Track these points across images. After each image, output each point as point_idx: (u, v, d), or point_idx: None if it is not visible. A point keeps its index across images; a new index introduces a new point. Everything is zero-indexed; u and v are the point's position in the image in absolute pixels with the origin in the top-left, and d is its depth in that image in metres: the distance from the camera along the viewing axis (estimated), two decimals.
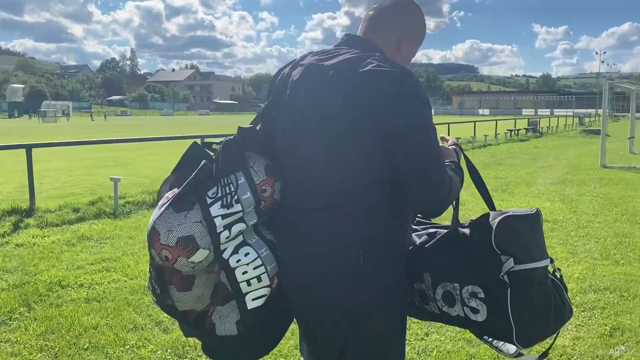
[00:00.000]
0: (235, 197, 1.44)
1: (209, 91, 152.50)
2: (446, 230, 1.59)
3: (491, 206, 1.60)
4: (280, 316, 1.61)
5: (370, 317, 1.46)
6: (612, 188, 9.25)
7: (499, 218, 1.44)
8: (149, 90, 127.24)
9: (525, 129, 28.04)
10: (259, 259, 1.49)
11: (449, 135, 2.40)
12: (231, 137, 1.51)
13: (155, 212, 1.48)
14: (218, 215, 1.42)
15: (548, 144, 21.25)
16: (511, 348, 1.56)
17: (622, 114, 38.31)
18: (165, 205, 1.45)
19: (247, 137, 1.52)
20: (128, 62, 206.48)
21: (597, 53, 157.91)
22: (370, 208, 1.43)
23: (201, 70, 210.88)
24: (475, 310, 1.45)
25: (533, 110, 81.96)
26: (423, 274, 1.56)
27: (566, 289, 1.56)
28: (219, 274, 1.51)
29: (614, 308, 3.79)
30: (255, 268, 1.48)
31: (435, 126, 1.40)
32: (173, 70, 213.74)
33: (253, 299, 1.50)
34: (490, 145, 20.65)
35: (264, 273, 1.49)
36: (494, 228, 1.42)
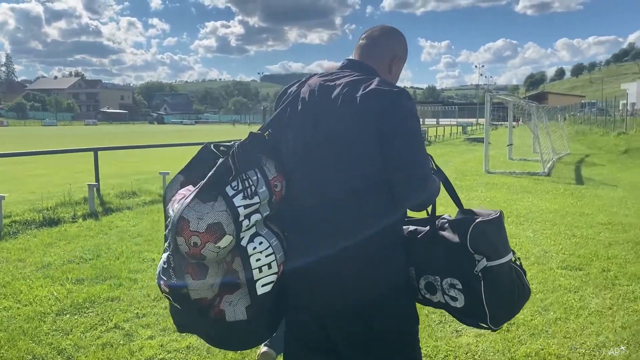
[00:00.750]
0: (254, 189, 1.65)
1: (96, 100, 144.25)
2: (426, 229, 1.81)
3: (459, 204, 1.82)
4: (279, 304, 1.77)
5: (392, 302, 1.71)
6: (496, 192, 10.05)
7: (473, 224, 1.67)
8: (28, 99, 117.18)
9: None
10: (270, 247, 1.68)
11: None
12: (245, 140, 1.72)
13: (179, 205, 1.62)
14: (241, 205, 1.62)
15: (437, 151, 22.52)
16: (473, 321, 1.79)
17: (499, 123, 41.66)
18: (191, 197, 1.60)
19: (258, 141, 1.75)
20: (3, 69, 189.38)
21: (476, 66, 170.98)
22: (373, 205, 1.66)
23: (87, 78, 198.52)
24: (454, 299, 1.71)
25: (421, 119, 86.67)
26: (408, 267, 1.80)
27: (525, 272, 1.82)
28: (232, 263, 1.66)
29: None
30: (267, 256, 1.67)
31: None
32: (55, 77, 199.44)
33: (262, 285, 1.68)
34: None
35: (273, 261, 1.68)
36: (469, 233, 1.65)
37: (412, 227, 1.85)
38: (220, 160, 1.67)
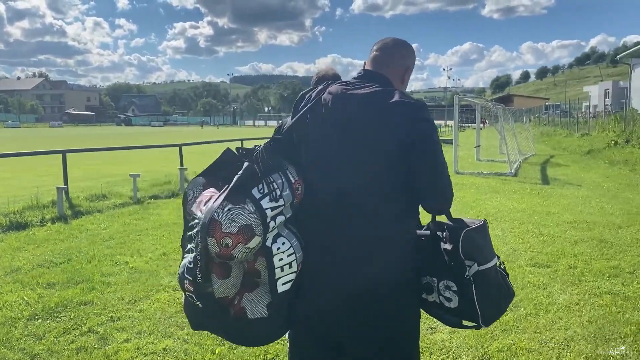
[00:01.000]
0: (280, 193, 1.75)
1: (61, 101, 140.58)
2: (426, 233, 1.97)
3: (448, 214, 1.93)
4: (295, 299, 1.87)
5: (400, 298, 1.85)
6: (466, 192, 10.24)
7: (463, 233, 1.83)
8: None
9: None
10: (291, 247, 1.77)
11: None
12: (267, 144, 1.82)
13: (207, 207, 1.69)
14: (268, 208, 1.71)
15: None
16: (457, 321, 1.95)
17: (467, 125, 42.40)
18: (221, 200, 1.67)
19: (281, 144, 1.85)
20: None
21: (444, 69, 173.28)
22: (395, 207, 1.80)
23: (51, 79, 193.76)
24: (449, 300, 1.87)
25: None
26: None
27: (508, 275, 1.99)
28: (254, 263, 1.76)
29: None
30: (288, 255, 1.76)
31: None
32: (18, 78, 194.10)
33: (283, 284, 1.77)
34: None
35: (294, 260, 1.78)
36: (460, 241, 1.82)
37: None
38: (246, 164, 1.75)
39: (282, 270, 1.76)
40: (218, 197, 1.70)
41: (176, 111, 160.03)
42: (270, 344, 2.79)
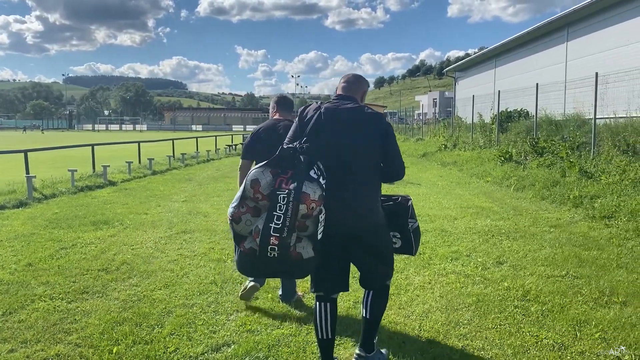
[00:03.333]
0: (324, 173, 2.83)
1: None
2: (388, 203, 3.29)
3: (395, 195, 3.38)
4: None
5: (384, 228, 3.14)
6: None
7: (409, 202, 3.31)
8: None
9: (241, 144, 30.14)
10: (324, 213, 2.80)
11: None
12: (302, 145, 2.83)
13: (291, 185, 2.65)
14: (323, 183, 2.76)
15: None
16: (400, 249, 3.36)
17: None
18: (304, 179, 2.67)
19: (308, 147, 2.85)
20: None
21: (292, 76, 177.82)
22: (376, 181, 3.06)
23: None
24: (395, 242, 3.30)
25: (242, 126, 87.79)
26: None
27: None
28: (305, 221, 2.71)
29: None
30: (322, 214, 2.78)
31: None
32: None
33: (319, 232, 2.77)
34: (213, 159, 21.63)
35: (324, 219, 2.82)
36: (409, 208, 3.30)
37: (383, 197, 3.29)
38: (303, 157, 2.76)
39: (321, 225, 2.77)
40: (299, 178, 2.67)
41: (1, 114, 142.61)
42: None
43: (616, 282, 4.83)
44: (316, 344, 3.23)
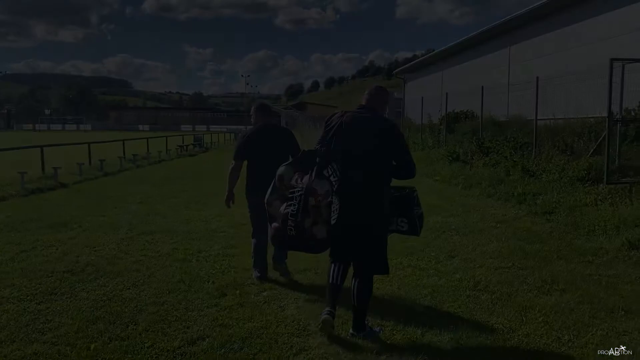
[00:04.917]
0: (337, 172, 3.63)
1: None
2: (397, 194, 3.92)
3: (400, 186, 3.97)
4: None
5: (384, 227, 3.86)
6: None
7: (415, 193, 3.97)
8: None
9: (192, 144, 29.85)
10: (337, 203, 3.67)
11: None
12: (321, 148, 3.73)
13: (306, 182, 3.53)
14: (334, 181, 3.59)
15: (214, 158, 23.14)
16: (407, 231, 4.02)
17: None
18: (314, 177, 3.52)
19: (326, 150, 3.71)
20: None
21: (242, 76, 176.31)
22: (384, 177, 3.77)
23: None
24: (402, 227, 3.96)
25: (191, 126, 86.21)
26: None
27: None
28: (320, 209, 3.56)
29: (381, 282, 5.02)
30: (335, 204, 3.64)
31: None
32: None
33: (332, 219, 3.63)
34: (164, 160, 21.40)
35: (337, 208, 3.65)
36: (415, 197, 3.97)
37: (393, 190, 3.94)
38: (319, 159, 3.60)
39: (334, 213, 3.62)
40: (312, 177, 3.51)
41: None
42: None
43: (557, 272, 5.29)
44: (287, 335, 3.68)
